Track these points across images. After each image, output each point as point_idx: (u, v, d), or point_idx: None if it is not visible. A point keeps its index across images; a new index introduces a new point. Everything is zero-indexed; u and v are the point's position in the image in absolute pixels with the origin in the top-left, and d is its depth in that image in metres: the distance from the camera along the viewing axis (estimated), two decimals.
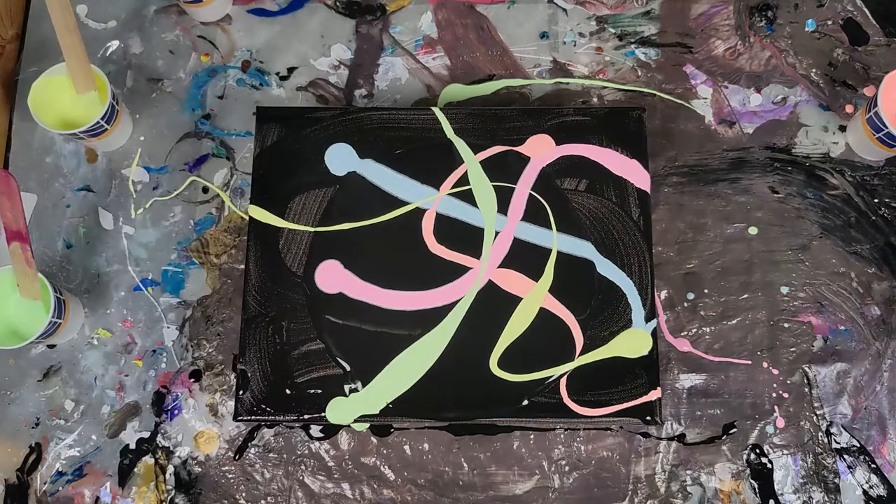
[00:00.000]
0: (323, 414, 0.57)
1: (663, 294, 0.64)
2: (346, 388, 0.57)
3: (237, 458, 0.61)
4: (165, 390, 0.63)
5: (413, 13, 0.71)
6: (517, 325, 0.57)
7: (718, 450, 0.61)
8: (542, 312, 0.58)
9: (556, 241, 0.59)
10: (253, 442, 0.61)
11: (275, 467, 0.61)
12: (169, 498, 0.61)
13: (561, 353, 0.57)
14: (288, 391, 0.57)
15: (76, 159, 0.68)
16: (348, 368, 0.57)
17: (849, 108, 0.68)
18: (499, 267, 0.58)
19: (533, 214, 0.60)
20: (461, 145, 0.61)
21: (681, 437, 0.61)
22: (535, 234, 0.59)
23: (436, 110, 0.62)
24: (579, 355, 0.57)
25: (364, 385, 0.57)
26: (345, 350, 0.57)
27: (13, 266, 0.58)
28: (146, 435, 0.62)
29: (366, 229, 0.60)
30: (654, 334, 0.57)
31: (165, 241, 0.66)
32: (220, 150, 0.68)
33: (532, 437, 0.61)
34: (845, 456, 0.61)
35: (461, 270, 0.58)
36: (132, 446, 0.62)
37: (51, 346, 0.64)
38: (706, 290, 0.64)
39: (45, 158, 0.68)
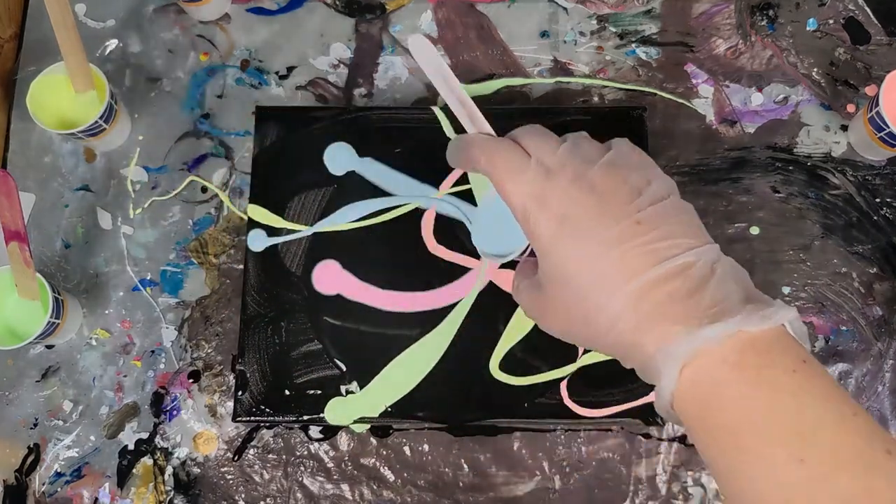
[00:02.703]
0: (322, 415, 0.56)
1: None
2: (343, 388, 0.57)
3: (236, 458, 0.61)
4: (164, 391, 0.62)
5: (413, 12, 0.71)
6: (519, 327, 0.57)
7: None
8: None
9: None
10: (252, 443, 0.61)
11: (274, 468, 0.61)
12: (168, 499, 0.60)
13: (563, 354, 0.57)
14: (287, 392, 0.57)
15: (74, 159, 0.68)
16: (344, 369, 0.57)
17: (850, 108, 0.67)
18: (500, 268, 0.58)
19: None
20: None
21: (682, 439, 0.61)
22: None
23: (436, 110, 0.61)
24: (581, 356, 0.57)
25: (362, 387, 0.57)
26: (343, 351, 0.57)
27: (11, 266, 0.58)
28: (145, 436, 0.62)
29: (365, 229, 0.59)
30: None
31: (164, 240, 0.66)
32: (218, 149, 0.67)
33: (533, 438, 0.61)
34: None
35: (461, 271, 0.58)
36: (131, 447, 0.61)
37: (49, 347, 0.63)
38: None
39: (43, 158, 0.68)
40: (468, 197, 0.60)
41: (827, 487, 0.30)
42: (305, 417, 0.56)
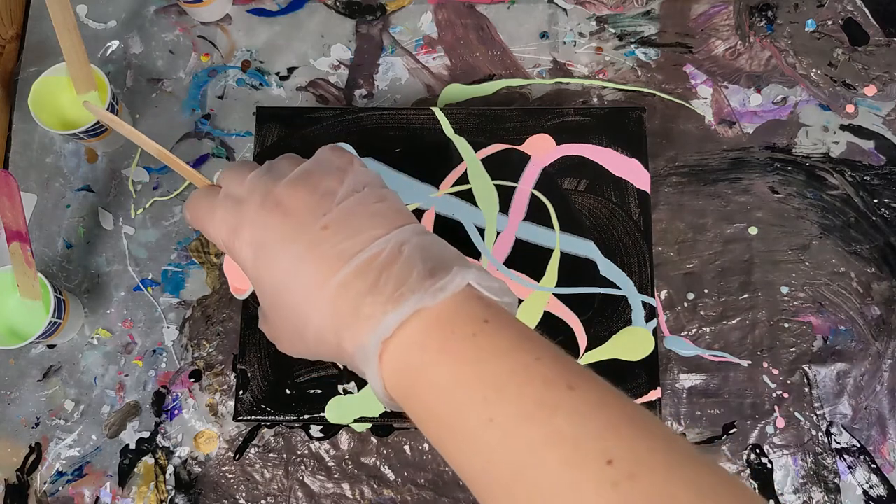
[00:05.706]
0: (323, 414, 0.57)
1: (663, 294, 0.64)
2: (341, 388, 0.57)
3: (237, 458, 0.61)
4: (165, 390, 0.63)
5: (413, 13, 0.71)
6: None
7: (718, 450, 0.61)
8: (545, 314, 0.58)
9: (559, 241, 0.59)
10: (253, 442, 0.61)
11: (275, 467, 0.61)
12: (169, 498, 0.61)
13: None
14: (288, 391, 0.57)
15: (76, 159, 0.68)
16: (342, 368, 0.57)
17: (849, 108, 0.68)
18: (500, 267, 0.58)
19: (535, 214, 0.59)
20: (461, 143, 0.61)
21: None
22: (537, 235, 0.59)
23: (436, 110, 0.62)
24: (582, 356, 0.57)
25: (360, 387, 0.57)
26: None
27: (13, 266, 0.58)
28: (146, 435, 0.62)
29: None
30: (655, 334, 0.57)
31: (165, 240, 0.66)
32: (220, 149, 0.68)
33: None
34: (845, 456, 0.61)
35: None
36: (132, 446, 0.62)
37: (51, 347, 0.64)
38: (706, 290, 0.64)
39: (44, 158, 0.68)
40: (468, 197, 0.60)
41: (518, 441, 0.29)
42: (306, 416, 0.57)
